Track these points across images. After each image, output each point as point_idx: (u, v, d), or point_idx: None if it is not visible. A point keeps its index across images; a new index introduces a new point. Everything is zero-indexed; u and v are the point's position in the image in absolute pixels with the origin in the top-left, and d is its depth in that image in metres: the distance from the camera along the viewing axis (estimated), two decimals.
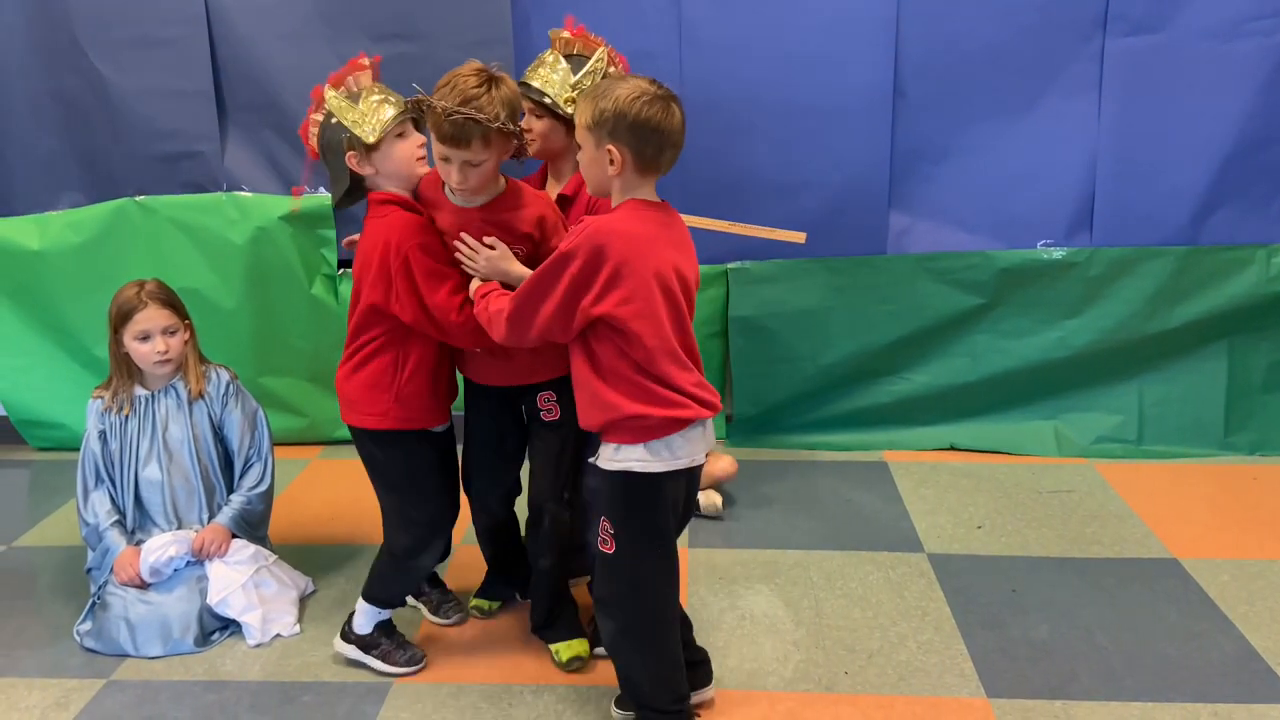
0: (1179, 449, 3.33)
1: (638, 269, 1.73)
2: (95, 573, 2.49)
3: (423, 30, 3.11)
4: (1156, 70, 3.08)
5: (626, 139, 1.75)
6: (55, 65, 3.26)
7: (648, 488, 1.84)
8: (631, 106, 1.73)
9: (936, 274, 3.27)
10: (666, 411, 1.78)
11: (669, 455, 1.82)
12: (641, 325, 1.74)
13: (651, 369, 1.77)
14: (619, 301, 1.73)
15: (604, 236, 1.73)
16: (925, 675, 2.20)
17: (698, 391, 1.82)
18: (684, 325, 1.82)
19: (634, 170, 1.78)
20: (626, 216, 1.78)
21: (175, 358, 2.46)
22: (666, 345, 1.77)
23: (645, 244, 1.75)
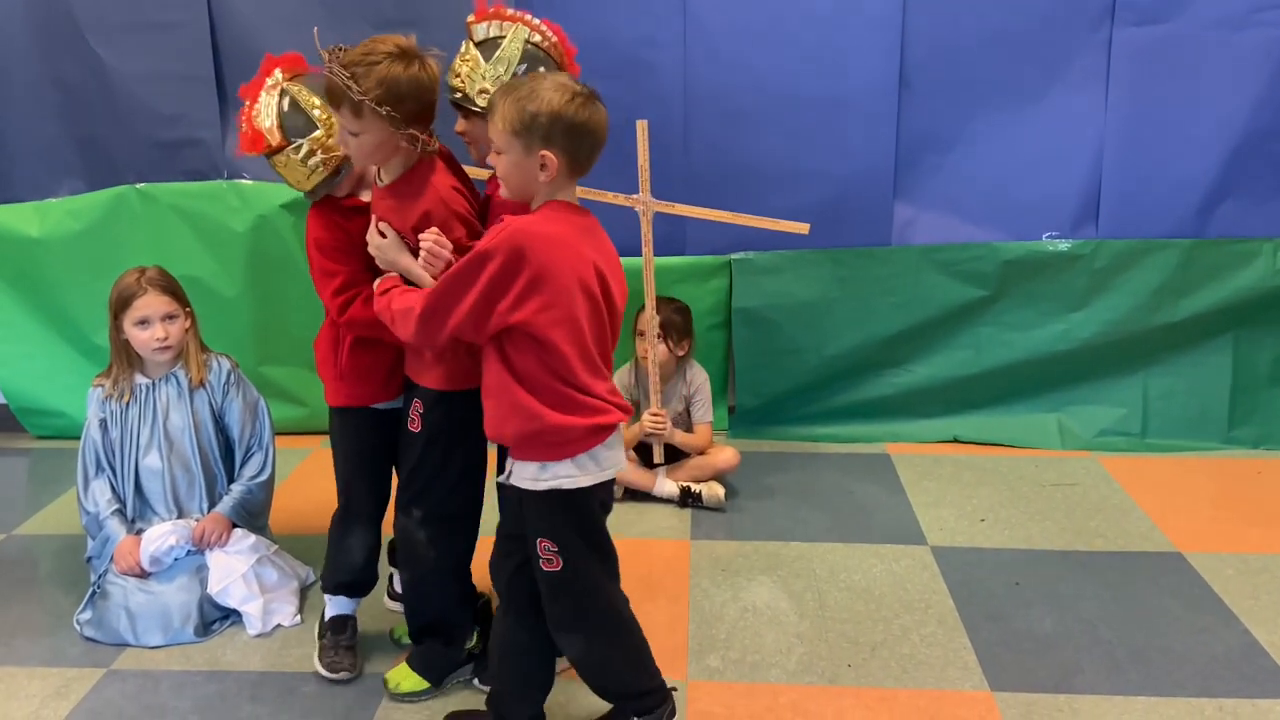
0: (1183, 442, 3.32)
1: (559, 274, 1.65)
2: (95, 561, 2.48)
3: (424, 16, 3.08)
4: (1164, 61, 3.06)
5: (562, 143, 1.65)
6: (55, 51, 3.24)
7: (582, 501, 1.78)
8: (567, 109, 1.63)
9: (941, 265, 3.26)
10: (590, 420, 1.71)
11: (595, 467, 1.76)
12: (560, 333, 1.67)
13: (570, 377, 1.69)
14: (538, 309, 1.64)
15: (525, 239, 1.63)
16: (928, 668, 2.20)
17: (612, 398, 1.77)
18: (604, 332, 1.75)
19: (565, 174, 1.70)
20: (549, 218, 1.69)
21: (175, 345, 2.45)
22: (585, 353, 1.70)
23: (567, 248, 1.67)
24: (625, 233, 3.00)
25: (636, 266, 2.93)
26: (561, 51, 1.97)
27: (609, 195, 2.83)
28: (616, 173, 2.96)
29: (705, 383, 3.08)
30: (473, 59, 1.93)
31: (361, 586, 2.30)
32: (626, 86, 3.11)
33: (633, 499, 3.04)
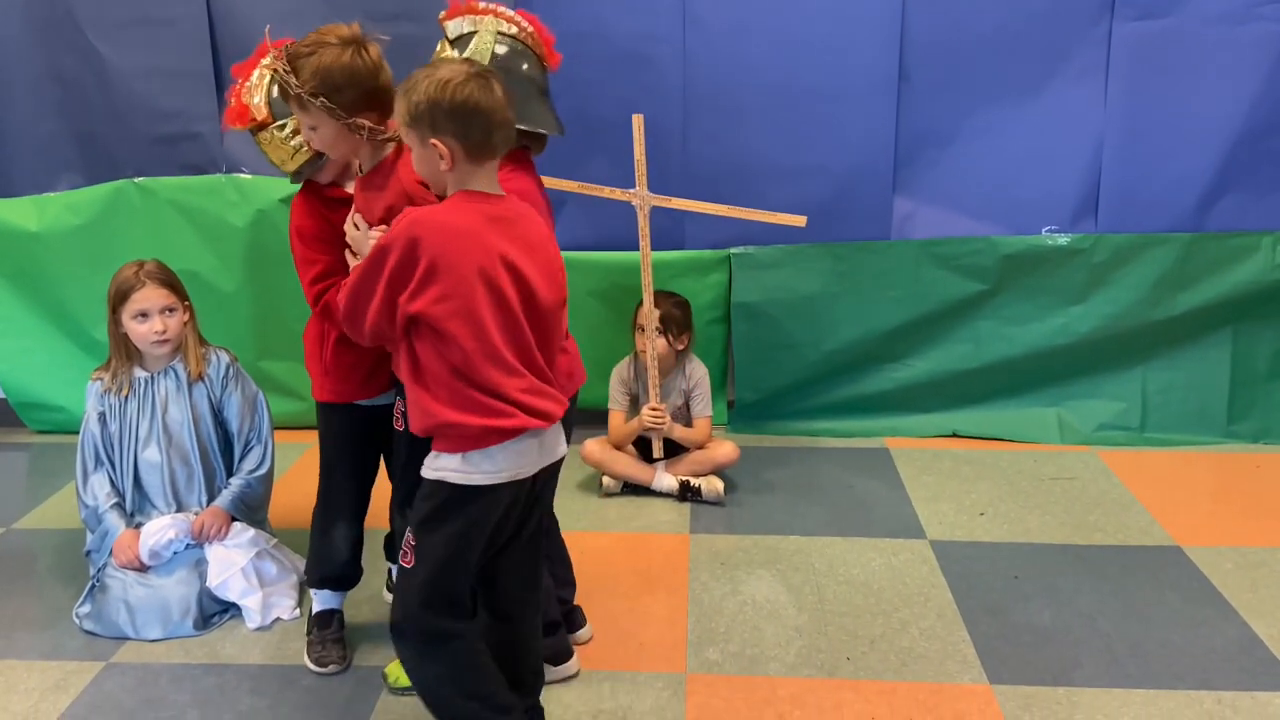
0: (1182, 436, 3.33)
1: (455, 264, 1.59)
2: (94, 555, 2.48)
3: (424, 10, 3.05)
4: (1164, 55, 3.06)
5: (449, 128, 1.60)
6: (53, 45, 3.23)
7: (460, 500, 1.68)
8: (444, 92, 1.58)
9: (940, 260, 3.26)
10: (485, 420, 1.64)
11: (489, 468, 1.67)
12: (457, 326, 1.60)
13: (470, 374, 1.62)
14: (434, 299, 1.59)
15: (420, 228, 1.60)
16: (927, 661, 2.20)
17: (528, 399, 1.67)
18: (517, 327, 1.66)
19: (466, 160, 1.63)
20: (449, 207, 1.65)
21: (173, 338, 2.44)
22: (488, 348, 1.62)
23: (466, 237, 1.61)
24: (623, 227, 3.02)
25: (635, 261, 2.94)
26: (538, 40, 1.93)
27: (606, 190, 2.83)
28: (617, 167, 2.97)
29: (704, 377, 3.08)
30: (448, 57, 1.87)
31: (346, 580, 2.30)
32: (625, 81, 3.11)
33: (632, 493, 3.05)
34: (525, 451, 1.70)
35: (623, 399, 3.09)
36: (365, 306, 1.65)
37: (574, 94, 3.20)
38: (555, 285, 1.72)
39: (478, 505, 1.69)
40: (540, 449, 1.74)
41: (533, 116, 1.88)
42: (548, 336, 1.73)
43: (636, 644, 2.28)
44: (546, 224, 1.92)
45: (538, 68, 1.93)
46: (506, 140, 1.67)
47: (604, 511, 2.95)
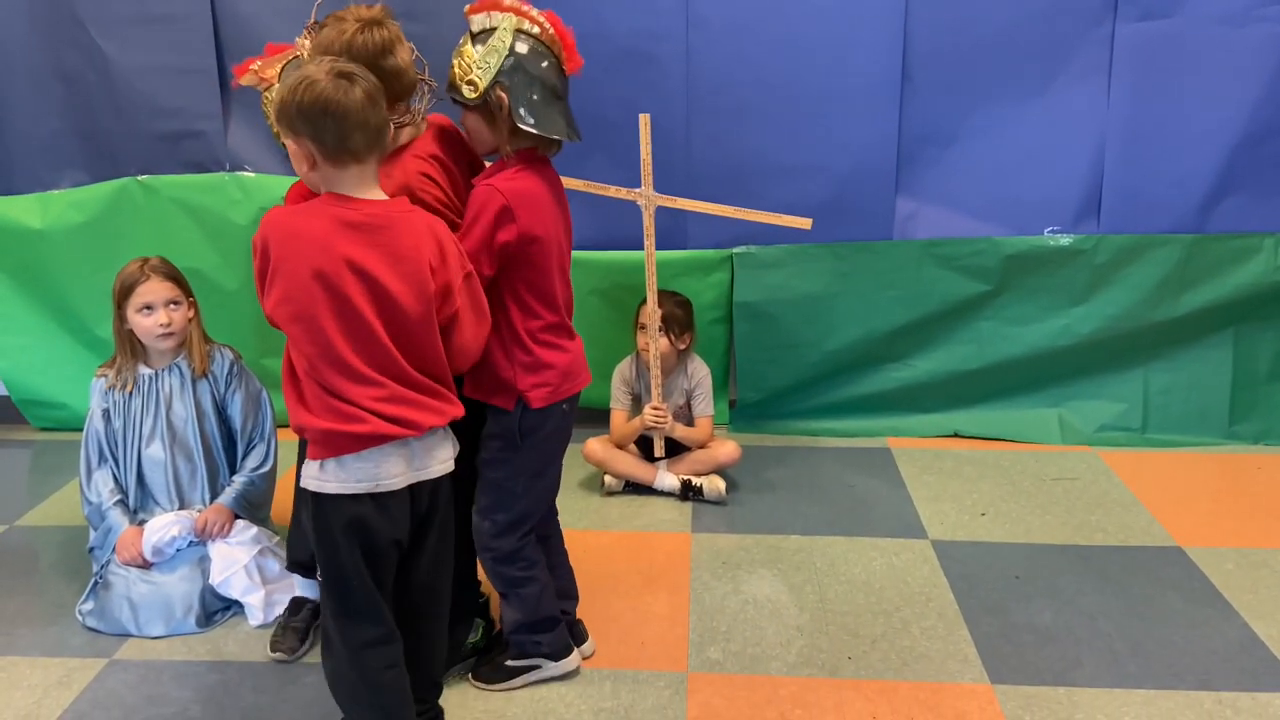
0: (1183, 437, 3.33)
1: (293, 268, 1.58)
2: (98, 552, 2.48)
3: (429, 9, 3.07)
4: (1166, 56, 3.05)
5: (303, 129, 1.57)
6: (57, 42, 3.23)
7: (323, 509, 1.67)
8: (294, 93, 1.55)
9: (942, 260, 3.26)
10: (333, 424, 1.62)
11: (343, 476, 1.64)
12: (296, 329, 1.60)
13: (317, 377, 1.62)
14: (276, 301, 1.60)
15: (267, 228, 1.60)
16: (928, 661, 2.20)
17: (382, 407, 1.62)
18: (368, 334, 1.61)
19: (325, 162, 1.60)
20: (300, 209, 1.63)
21: (178, 331, 2.45)
22: (330, 354, 1.60)
23: (304, 239, 1.58)
24: (626, 226, 3.02)
25: (639, 260, 2.94)
26: (556, 39, 1.91)
27: (611, 189, 2.83)
28: (619, 167, 2.97)
29: (706, 376, 3.08)
30: (466, 52, 1.86)
31: (312, 567, 2.28)
32: (628, 80, 3.11)
33: (634, 492, 3.05)
34: (385, 462, 1.65)
35: (625, 398, 3.10)
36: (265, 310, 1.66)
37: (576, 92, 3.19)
38: (421, 296, 1.65)
39: (339, 515, 1.66)
40: (407, 460, 1.68)
41: (543, 121, 1.86)
42: (419, 345, 1.67)
43: (638, 643, 2.28)
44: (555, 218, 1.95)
45: (555, 70, 1.90)
46: (371, 143, 1.61)
47: (606, 510, 2.96)
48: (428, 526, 1.77)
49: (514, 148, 1.88)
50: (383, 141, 1.64)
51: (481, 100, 1.84)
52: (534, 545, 2.07)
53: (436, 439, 1.72)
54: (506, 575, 2.04)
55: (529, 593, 2.06)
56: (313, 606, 2.32)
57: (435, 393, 1.70)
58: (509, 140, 1.87)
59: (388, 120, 1.65)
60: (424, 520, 1.76)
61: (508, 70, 1.82)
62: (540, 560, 2.09)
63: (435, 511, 1.77)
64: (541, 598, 2.08)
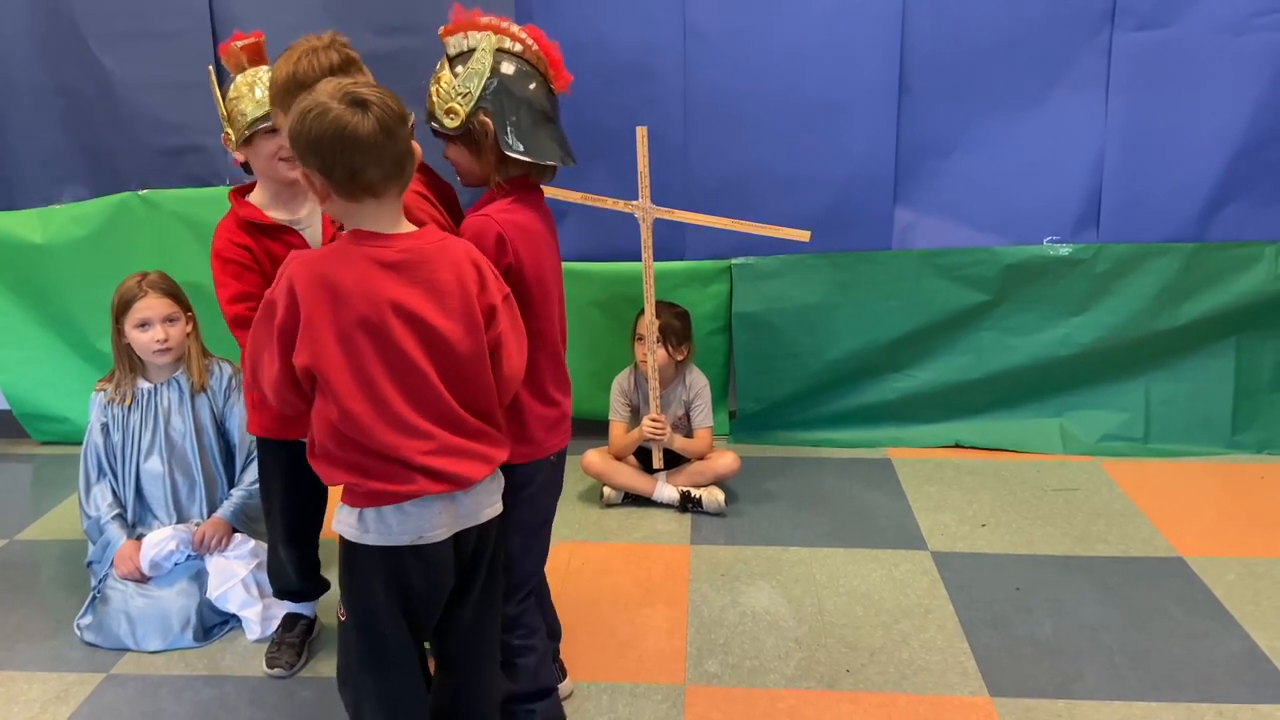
0: (1185, 447, 3.31)
1: (334, 320, 1.45)
2: (96, 566, 2.49)
3: (426, 23, 3.05)
4: (1164, 65, 3.05)
5: (312, 161, 1.44)
6: (58, 58, 3.25)
7: (357, 559, 1.57)
8: (303, 122, 1.42)
9: (941, 270, 3.25)
10: (380, 485, 1.50)
11: (383, 529, 1.53)
12: (341, 383, 1.46)
13: (355, 433, 1.48)
14: (311, 358, 1.46)
15: (297, 276, 1.45)
16: (927, 673, 2.19)
17: (432, 462, 1.50)
18: (421, 380, 1.49)
19: (339, 198, 1.47)
20: (331, 253, 1.49)
21: (175, 347, 2.46)
22: (380, 408, 1.47)
23: (346, 290, 1.45)
24: (624, 238, 3.02)
25: (637, 272, 2.94)
26: (541, 56, 1.75)
27: (609, 201, 2.83)
28: (617, 179, 2.97)
29: (705, 388, 3.08)
30: (444, 78, 1.71)
31: (301, 594, 2.33)
32: (625, 92, 3.12)
33: (633, 504, 3.05)
34: (428, 515, 1.54)
35: (623, 410, 3.09)
36: (265, 370, 1.52)
37: (574, 105, 3.20)
38: (471, 330, 1.53)
39: (378, 565, 1.56)
40: (453, 513, 1.57)
41: (533, 146, 1.71)
42: (471, 384, 1.56)
43: (636, 656, 2.28)
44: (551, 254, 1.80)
45: (543, 89, 1.75)
46: (387, 177, 1.46)
47: (605, 522, 2.95)
48: (476, 569, 1.66)
49: (503, 177, 1.72)
50: (404, 175, 1.50)
51: (464, 129, 1.69)
52: (533, 610, 1.92)
53: (484, 485, 1.61)
54: (505, 644, 1.84)
55: (527, 663, 1.89)
56: (307, 622, 2.33)
57: (485, 436, 1.58)
58: (497, 170, 1.72)
59: (410, 150, 1.51)
60: (472, 563, 1.65)
61: (490, 94, 1.67)
62: (540, 627, 1.94)
63: (483, 553, 1.66)
64: (540, 669, 1.92)
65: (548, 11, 3.08)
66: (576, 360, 3.35)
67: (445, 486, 1.53)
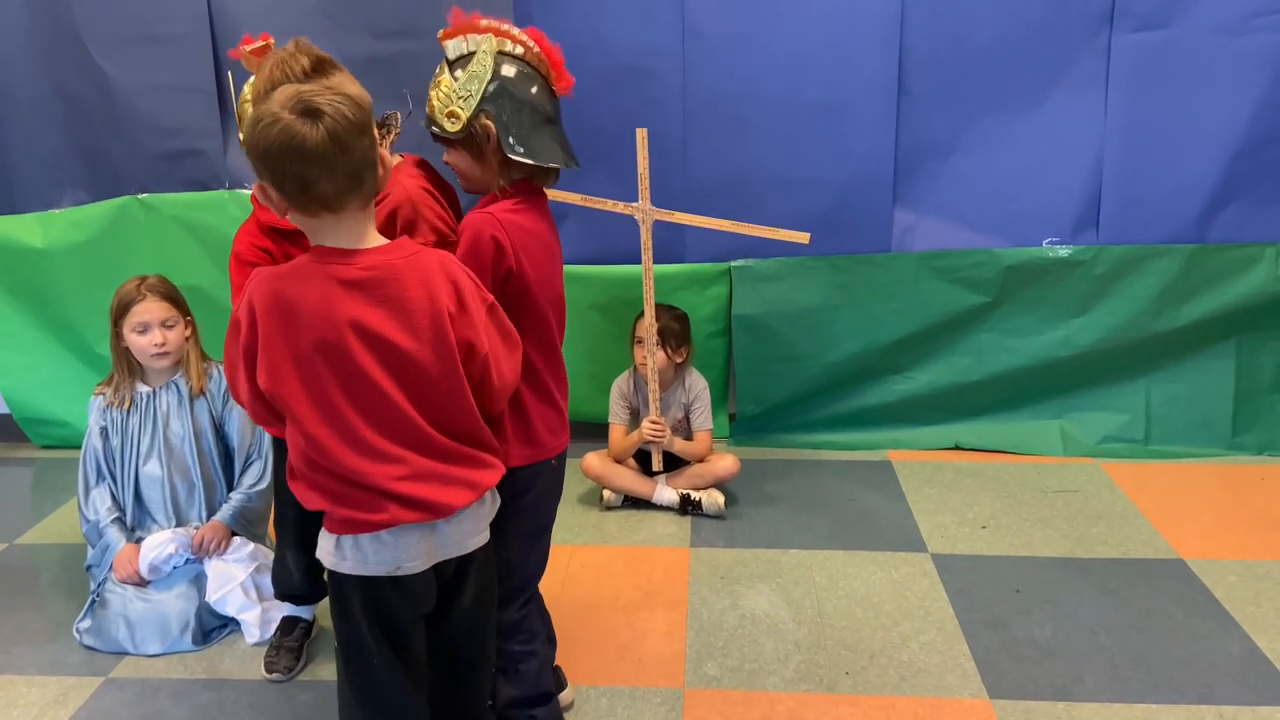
0: (1186, 449, 3.31)
1: (290, 340, 1.39)
2: (95, 570, 2.49)
3: (425, 27, 3.08)
4: (1164, 66, 3.05)
5: (264, 173, 1.37)
6: (58, 63, 3.26)
7: (339, 586, 1.52)
8: (254, 132, 1.34)
9: (941, 272, 3.25)
10: (352, 513, 1.44)
11: (359, 558, 1.47)
12: (301, 408, 1.41)
13: (322, 459, 1.43)
14: (271, 380, 1.40)
15: (255, 296, 1.40)
16: (927, 676, 2.18)
17: (405, 488, 1.44)
18: (384, 403, 1.42)
19: (295, 211, 1.40)
20: (290, 271, 1.42)
21: (173, 351, 2.46)
22: (342, 430, 1.41)
23: (303, 310, 1.39)
24: (624, 240, 3.02)
25: (636, 274, 2.94)
26: (542, 58, 1.73)
27: (608, 203, 2.84)
28: (617, 181, 2.97)
29: (704, 390, 3.08)
30: (444, 82, 1.69)
31: (303, 598, 2.32)
32: (625, 94, 3.12)
33: (633, 506, 3.04)
34: (405, 545, 1.48)
35: (623, 412, 3.09)
36: (240, 387, 1.47)
37: (574, 108, 3.20)
38: (440, 349, 1.45)
39: (356, 594, 1.50)
40: (432, 542, 1.50)
41: (536, 149, 1.70)
42: (444, 405, 1.48)
43: (635, 659, 2.27)
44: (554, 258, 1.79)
45: (545, 92, 1.73)
46: (343, 191, 1.38)
47: (605, 525, 2.95)
48: (458, 591, 1.59)
49: (507, 181, 1.71)
50: (364, 187, 1.41)
51: (465, 132, 1.67)
52: (534, 616, 1.90)
53: (468, 514, 1.53)
54: (505, 650, 1.84)
55: (529, 668, 1.88)
56: (305, 626, 2.32)
57: (467, 459, 1.51)
58: (500, 173, 1.70)
59: (372, 161, 1.40)
60: (454, 586, 1.59)
61: (492, 96, 1.66)
62: (541, 632, 1.92)
63: (466, 577, 1.59)
64: (541, 673, 1.90)
65: (546, 13, 3.08)
66: (576, 363, 3.36)
67: (420, 515, 1.46)
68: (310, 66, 1.65)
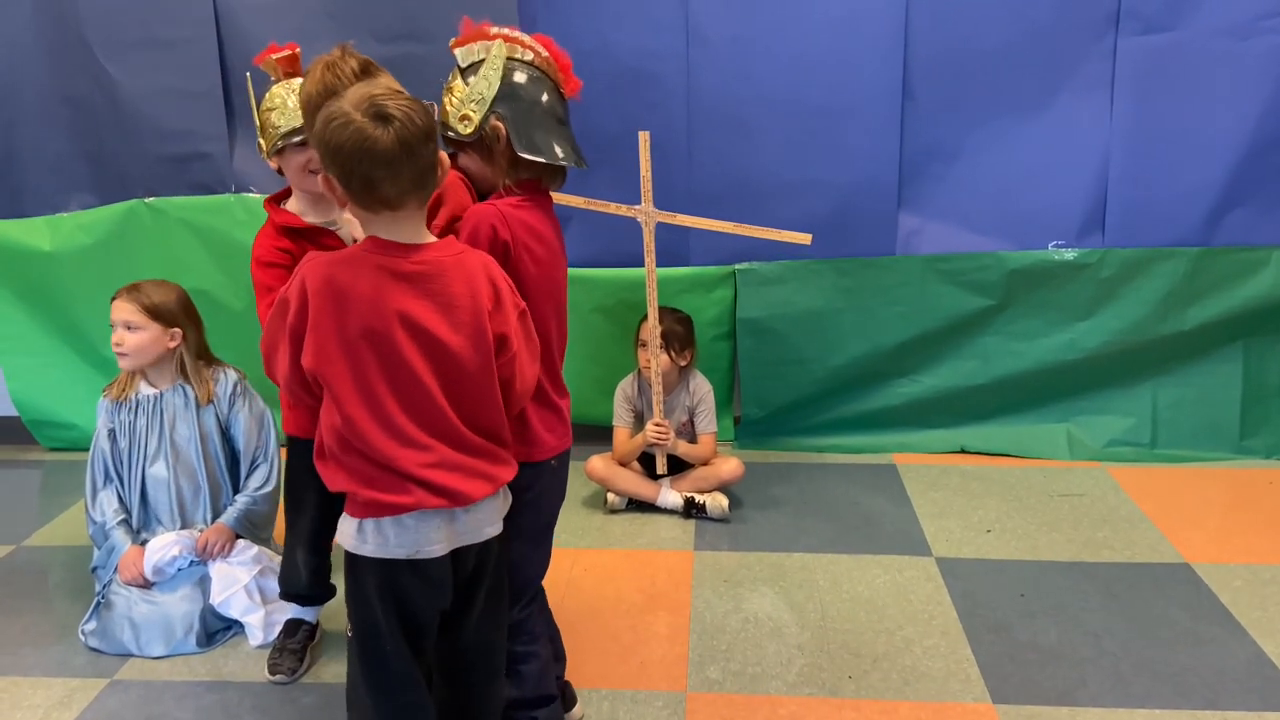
0: (1193, 452, 3.29)
1: (339, 326, 1.45)
2: (100, 571, 2.50)
3: (430, 31, 3.11)
4: (1170, 69, 3.04)
5: (332, 168, 1.44)
6: (66, 68, 3.28)
7: (359, 569, 1.56)
8: (326, 129, 1.41)
9: (946, 275, 3.24)
10: (377, 494, 1.50)
11: (379, 540, 1.52)
12: (342, 389, 1.47)
13: (355, 440, 1.48)
14: (320, 358, 1.46)
15: (309, 280, 1.46)
16: (930, 680, 2.18)
17: (431, 475, 1.50)
18: (421, 393, 1.48)
19: (357, 207, 1.48)
20: (344, 258, 1.49)
21: (132, 354, 2.46)
22: (380, 416, 1.47)
23: (355, 298, 1.45)
24: (628, 243, 3.03)
25: (640, 277, 2.94)
26: (551, 63, 1.78)
27: (612, 206, 2.84)
28: (622, 184, 2.97)
29: (709, 393, 3.08)
30: (456, 87, 1.74)
31: (309, 599, 2.33)
32: (629, 98, 3.12)
33: (637, 510, 3.04)
34: (425, 530, 1.53)
35: (627, 415, 3.09)
36: (279, 365, 1.53)
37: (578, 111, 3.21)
38: (478, 346, 1.52)
39: (375, 577, 1.55)
40: (452, 529, 1.55)
41: (544, 148, 1.74)
42: (475, 401, 1.54)
43: (638, 662, 2.27)
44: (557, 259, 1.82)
45: (554, 95, 1.79)
46: (405, 192, 1.45)
47: (609, 528, 2.95)
48: (476, 588, 1.63)
49: (513, 179, 1.75)
50: (425, 188, 1.48)
51: (477, 134, 1.71)
52: (536, 617, 1.92)
53: (486, 505, 1.59)
54: (508, 651, 1.83)
55: (530, 670, 1.89)
56: (309, 628, 2.33)
57: (488, 454, 1.57)
58: (508, 173, 1.75)
59: (434, 164, 1.48)
60: (471, 582, 1.63)
61: (502, 99, 1.71)
62: (543, 633, 1.94)
63: (483, 572, 1.63)
64: (543, 675, 1.91)
65: (552, 18, 3.09)
66: (580, 366, 3.40)
67: (443, 501, 1.51)
68: (359, 69, 1.76)
